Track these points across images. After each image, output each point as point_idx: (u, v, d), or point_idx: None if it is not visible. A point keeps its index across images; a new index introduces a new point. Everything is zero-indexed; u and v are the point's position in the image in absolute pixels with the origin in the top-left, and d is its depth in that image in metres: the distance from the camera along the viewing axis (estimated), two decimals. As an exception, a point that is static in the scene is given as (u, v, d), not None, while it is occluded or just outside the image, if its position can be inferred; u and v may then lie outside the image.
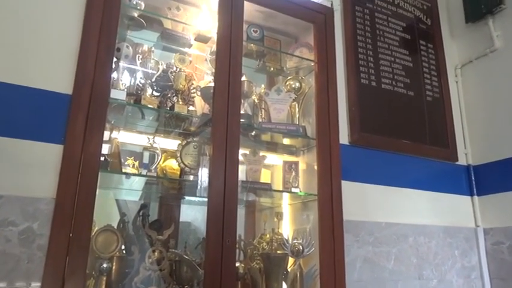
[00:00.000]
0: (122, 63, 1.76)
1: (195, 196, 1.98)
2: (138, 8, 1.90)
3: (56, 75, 1.53)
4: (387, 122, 2.34)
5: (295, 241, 1.91)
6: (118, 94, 1.63)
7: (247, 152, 2.06)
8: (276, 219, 2.12)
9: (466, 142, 2.64)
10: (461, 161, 2.58)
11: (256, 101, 2.20)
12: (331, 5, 2.35)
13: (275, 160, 2.30)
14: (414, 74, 2.56)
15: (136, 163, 1.89)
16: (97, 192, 1.47)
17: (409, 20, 2.69)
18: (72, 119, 1.48)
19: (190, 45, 2.11)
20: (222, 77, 1.84)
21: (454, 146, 2.57)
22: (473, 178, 2.56)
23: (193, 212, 2.15)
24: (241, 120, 1.88)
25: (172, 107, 1.84)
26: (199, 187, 1.86)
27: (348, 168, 2.09)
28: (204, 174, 1.86)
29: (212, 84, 1.89)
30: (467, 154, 2.61)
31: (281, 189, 2.16)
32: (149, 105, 1.77)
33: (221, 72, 1.85)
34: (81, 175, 1.44)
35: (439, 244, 2.30)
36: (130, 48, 1.78)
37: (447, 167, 2.51)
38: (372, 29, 2.49)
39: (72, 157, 1.45)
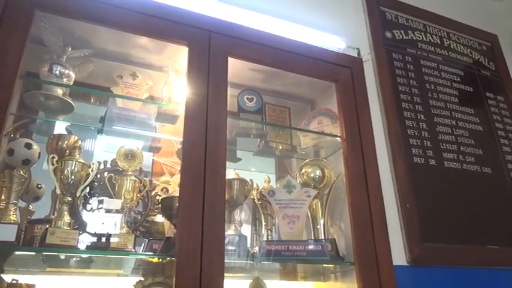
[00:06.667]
0: (17, 174, 1.05)
1: None
2: (66, 80, 1.24)
3: None
4: (459, 221, 1.52)
5: None
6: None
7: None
8: None
9: None
10: None
11: (257, 201, 1.46)
12: (358, 54, 1.65)
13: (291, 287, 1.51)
14: (487, 141, 1.78)
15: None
16: None
17: (466, 65, 1.95)
18: None
19: (153, 128, 1.42)
20: (192, 180, 1.12)
21: (560, 243, 1.71)
22: None
23: None
24: (227, 250, 1.11)
25: (108, 239, 1.08)
26: None
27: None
28: None
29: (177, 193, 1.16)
30: None
31: None
32: (61, 250, 1.00)
33: (190, 172, 1.13)
34: None
35: None
36: (34, 146, 1.07)
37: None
38: (419, 82, 1.75)
39: None
